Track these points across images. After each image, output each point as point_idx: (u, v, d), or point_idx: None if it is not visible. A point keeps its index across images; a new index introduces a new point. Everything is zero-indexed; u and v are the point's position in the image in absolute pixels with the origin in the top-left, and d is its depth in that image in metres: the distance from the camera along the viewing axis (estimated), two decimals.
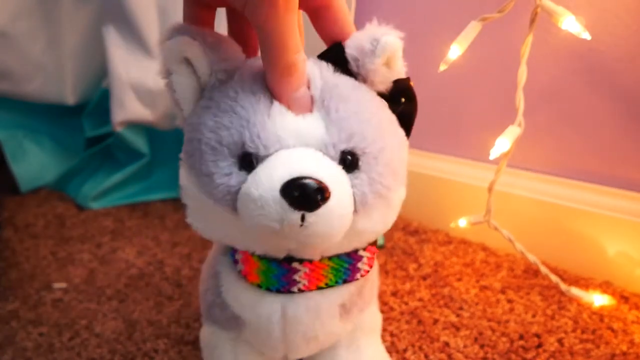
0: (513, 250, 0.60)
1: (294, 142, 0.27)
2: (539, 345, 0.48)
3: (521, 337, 0.49)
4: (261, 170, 0.26)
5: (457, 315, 0.53)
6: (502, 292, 0.57)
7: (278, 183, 0.25)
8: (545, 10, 0.49)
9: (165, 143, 0.88)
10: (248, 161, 0.27)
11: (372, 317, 0.40)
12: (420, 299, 0.56)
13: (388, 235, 0.72)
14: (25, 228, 0.75)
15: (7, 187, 0.89)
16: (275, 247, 0.30)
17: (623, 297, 0.55)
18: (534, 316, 0.52)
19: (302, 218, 0.25)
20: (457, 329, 0.50)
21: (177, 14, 0.78)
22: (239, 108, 0.27)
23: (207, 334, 0.38)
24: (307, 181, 0.24)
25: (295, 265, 0.31)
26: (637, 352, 0.47)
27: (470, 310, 0.54)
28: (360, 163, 0.28)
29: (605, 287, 0.58)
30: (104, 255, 0.67)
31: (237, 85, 0.28)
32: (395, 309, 0.54)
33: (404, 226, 0.74)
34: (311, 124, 0.27)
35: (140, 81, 0.80)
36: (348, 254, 0.32)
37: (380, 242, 0.69)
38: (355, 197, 0.28)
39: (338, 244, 0.30)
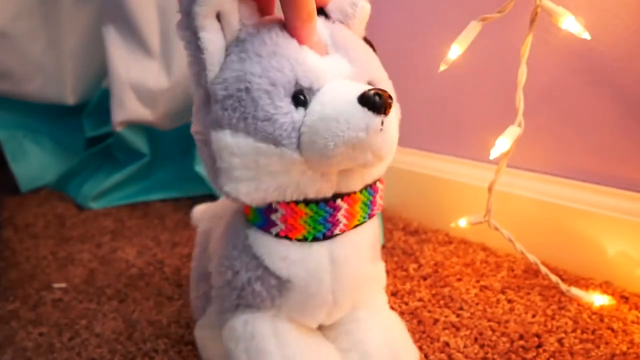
0: (513, 250, 0.60)
1: (336, 75, 0.30)
2: (539, 345, 0.48)
3: (521, 337, 0.49)
4: (324, 97, 0.29)
5: (457, 315, 0.53)
6: (502, 292, 0.57)
7: (353, 98, 0.28)
8: (545, 10, 0.49)
9: (165, 143, 0.88)
10: (301, 99, 0.29)
11: (383, 272, 0.41)
12: (421, 299, 0.56)
13: (388, 235, 0.72)
14: (25, 228, 0.75)
15: (7, 187, 0.89)
16: (340, 167, 0.31)
17: (623, 297, 0.55)
18: (534, 316, 0.52)
19: (382, 123, 0.28)
20: (457, 329, 0.50)
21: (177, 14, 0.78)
22: (281, 51, 0.30)
23: (238, 326, 0.35)
24: (379, 90, 0.28)
25: (339, 202, 0.33)
26: (637, 352, 0.47)
27: (471, 310, 0.54)
28: None
29: (605, 287, 0.58)
30: (104, 255, 0.67)
31: (270, 34, 0.30)
32: (395, 309, 0.54)
33: (404, 226, 0.74)
34: (339, 62, 0.31)
35: (140, 81, 0.80)
36: (370, 186, 0.35)
37: (380, 242, 0.69)
38: None
39: (376, 170, 0.34)
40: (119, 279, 0.61)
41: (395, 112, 0.30)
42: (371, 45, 0.36)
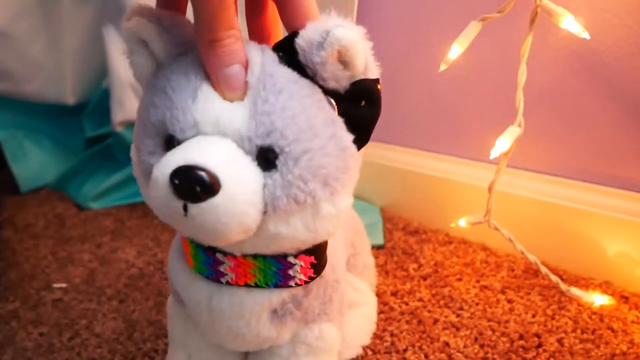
0: (513, 250, 0.60)
1: (212, 130, 0.26)
2: (539, 345, 0.48)
3: (521, 337, 0.49)
4: (170, 153, 0.26)
5: (457, 315, 0.53)
6: (502, 292, 0.57)
7: (171, 168, 0.24)
8: (545, 10, 0.49)
9: None
10: (171, 144, 0.27)
11: (326, 336, 0.37)
12: (421, 299, 0.56)
13: (388, 235, 0.72)
14: (25, 228, 0.75)
15: (7, 187, 0.89)
16: None
17: (623, 297, 0.55)
18: (534, 316, 0.52)
19: (185, 208, 0.24)
20: (457, 329, 0.50)
21: None
22: (168, 88, 0.27)
23: (169, 302, 0.40)
24: (192, 171, 0.24)
25: (219, 256, 0.31)
26: (637, 352, 0.47)
27: (471, 310, 0.54)
28: (277, 162, 0.26)
29: (605, 287, 0.58)
30: (104, 255, 0.67)
31: (175, 66, 0.28)
32: (395, 309, 0.54)
33: (404, 226, 0.74)
34: (233, 113, 0.26)
35: None
36: (275, 258, 0.31)
37: (380, 242, 0.69)
38: (265, 198, 0.26)
39: (253, 243, 0.28)
40: (119, 279, 0.61)
41: (229, 198, 0.24)
42: (370, 94, 0.28)
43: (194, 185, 0.24)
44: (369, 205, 0.79)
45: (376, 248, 0.68)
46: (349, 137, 0.28)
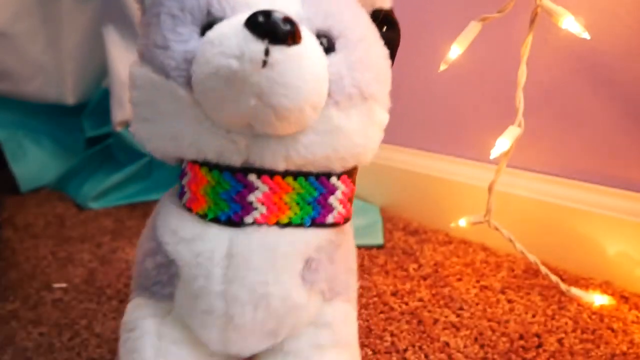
0: (513, 250, 0.60)
1: (265, 6, 0.23)
2: (539, 345, 0.48)
3: (521, 337, 0.49)
4: (224, 22, 0.23)
5: (457, 315, 0.53)
6: (502, 292, 0.57)
7: (243, 19, 0.21)
8: (545, 10, 0.49)
9: None
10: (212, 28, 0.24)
11: (351, 321, 0.31)
12: (421, 299, 0.56)
13: (388, 235, 0.72)
14: (25, 228, 0.75)
15: (7, 187, 0.89)
16: (233, 118, 0.24)
17: (623, 297, 0.55)
18: (534, 316, 0.52)
19: (267, 52, 0.21)
20: (457, 329, 0.50)
21: None
22: None
23: (129, 309, 0.30)
24: (276, 13, 0.21)
25: (252, 179, 0.26)
26: (637, 352, 0.47)
27: (471, 310, 0.54)
28: (337, 45, 0.25)
29: (605, 287, 0.58)
30: (104, 255, 0.67)
31: None
32: (395, 309, 0.54)
33: (404, 226, 0.74)
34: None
35: None
36: (317, 178, 0.27)
37: (380, 242, 0.69)
38: (330, 77, 0.24)
39: (310, 143, 0.25)
40: (119, 279, 0.61)
41: (311, 48, 0.22)
42: (389, 20, 0.28)
43: (283, 23, 0.21)
44: (369, 205, 0.79)
45: (376, 248, 0.68)
46: (385, 50, 0.29)
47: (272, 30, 0.21)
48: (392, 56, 0.29)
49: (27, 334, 0.50)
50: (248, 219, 0.26)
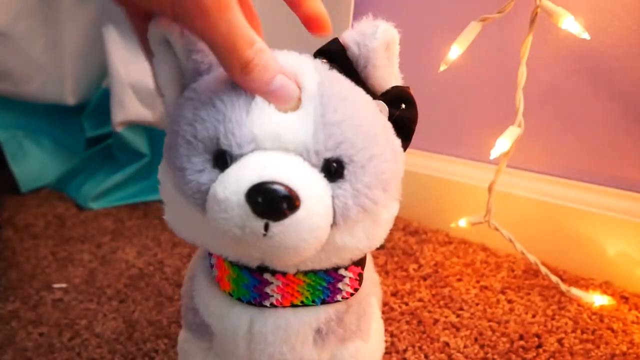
0: (513, 250, 0.60)
1: (271, 144, 0.24)
2: (539, 346, 0.48)
3: (521, 338, 0.49)
4: (231, 171, 0.24)
5: (457, 316, 0.53)
6: (502, 292, 0.57)
7: (244, 186, 0.23)
8: (545, 11, 0.49)
9: None
10: (223, 160, 0.25)
11: (361, 355, 0.35)
12: (421, 299, 0.56)
13: (388, 235, 0.72)
14: (25, 228, 0.75)
15: (7, 187, 0.89)
16: (244, 254, 0.28)
17: (623, 297, 0.55)
18: (534, 316, 0.52)
19: (266, 227, 0.23)
20: (457, 329, 0.50)
21: None
22: (217, 101, 0.25)
23: (181, 340, 0.37)
24: (274, 187, 0.22)
25: (267, 276, 0.29)
26: (637, 352, 0.47)
27: (471, 311, 0.54)
28: (345, 172, 0.25)
29: (605, 287, 0.58)
30: (104, 255, 0.67)
31: (220, 77, 0.27)
32: (395, 309, 0.54)
33: (404, 226, 0.74)
34: (296, 126, 0.25)
35: (140, 81, 0.80)
36: (327, 272, 0.30)
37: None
38: (335, 209, 0.25)
39: (314, 259, 0.27)
40: (119, 279, 0.61)
41: (313, 208, 0.24)
42: (407, 98, 0.29)
43: (280, 202, 0.22)
44: None
45: (376, 248, 0.68)
46: (398, 141, 0.29)
47: (271, 210, 0.22)
48: (410, 136, 0.30)
49: (27, 334, 0.50)
50: (266, 303, 0.30)
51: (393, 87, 0.29)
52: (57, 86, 0.88)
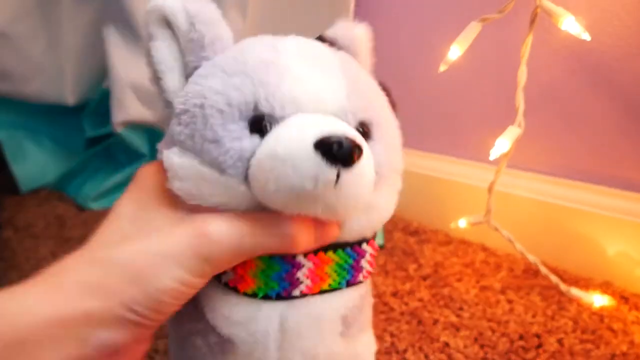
0: (513, 250, 0.60)
1: (312, 105, 0.25)
2: (539, 346, 0.48)
3: (521, 338, 0.49)
4: (284, 130, 0.24)
5: (457, 316, 0.53)
6: (502, 292, 0.57)
7: (310, 140, 0.23)
8: (545, 11, 0.49)
9: None
10: (260, 125, 0.25)
11: (370, 348, 0.35)
12: (420, 299, 0.56)
13: (388, 235, 0.72)
14: (25, 228, 0.75)
15: (7, 187, 0.89)
16: (302, 212, 0.26)
17: (623, 298, 0.55)
18: (534, 316, 0.52)
19: (338, 176, 0.23)
20: (457, 329, 0.50)
21: None
22: (249, 68, 0.26)
23: None
24: (344, 136, 0.23)
25: (300, 259, 0.28)
26: (637, 353, 0.47)
27: (470, 311, 0.54)
28: (373, 134, 0.28)
29: (605, 287, 0.58)
30: None
31: (243, 48, 0.27)
32: (395, 309, 0.54)
33: (404, 226, 0.74)
34: (332, 88, 0.26)
35: (140, 81, 0.80)
36: (352, 247, 0.30)
37: (380, 242, 0.69)
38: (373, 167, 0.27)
39: (353, 221, 0.28)
40: None
41: (368, 162, 0.25)
42: (385, 89, 0.31)
43: (353, 148, 0.23)
44: None
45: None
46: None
47: (344, 158, 0.23)
48: None
49: None
50: (295, 292, 0.29)
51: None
52: (57, 86, 0.88)
